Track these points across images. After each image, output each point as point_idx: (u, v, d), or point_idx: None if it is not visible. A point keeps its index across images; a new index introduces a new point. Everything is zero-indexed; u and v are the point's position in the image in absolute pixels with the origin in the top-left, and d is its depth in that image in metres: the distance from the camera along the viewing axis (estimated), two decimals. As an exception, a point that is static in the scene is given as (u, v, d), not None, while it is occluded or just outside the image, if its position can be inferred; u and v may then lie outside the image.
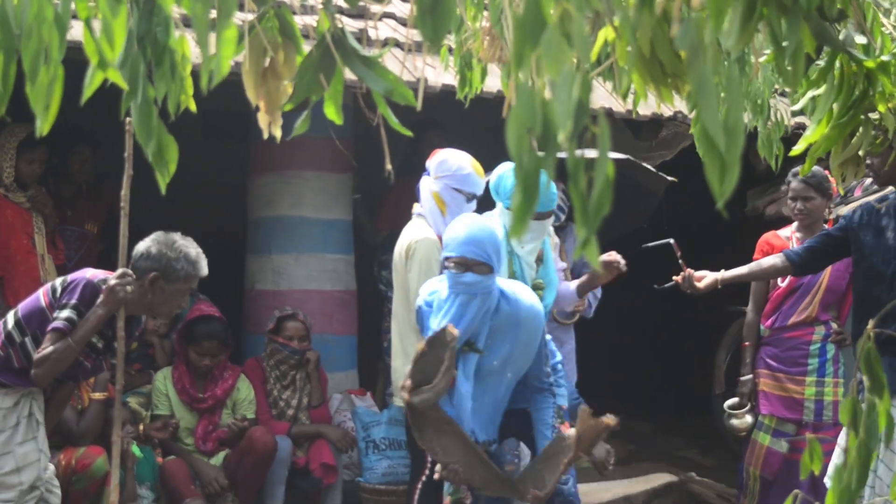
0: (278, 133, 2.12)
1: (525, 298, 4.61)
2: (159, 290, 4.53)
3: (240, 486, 6.15)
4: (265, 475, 6.17)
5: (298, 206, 7.07)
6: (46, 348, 4.41)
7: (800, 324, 6.23)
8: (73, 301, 4.47)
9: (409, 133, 2.10)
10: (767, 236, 6.42)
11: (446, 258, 4.48)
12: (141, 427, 6.08)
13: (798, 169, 6.05)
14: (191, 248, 4.61)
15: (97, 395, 5.69)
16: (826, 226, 6.25)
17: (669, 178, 6.49)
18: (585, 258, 1.58)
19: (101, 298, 4.41)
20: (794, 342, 6.20)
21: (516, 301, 4.57)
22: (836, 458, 4.63)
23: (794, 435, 6.21)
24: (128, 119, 4.37)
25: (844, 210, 7.22)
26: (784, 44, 1.76)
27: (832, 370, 6.20)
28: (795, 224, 6.32)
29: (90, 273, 4.60)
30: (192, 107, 2.11)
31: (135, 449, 5.88)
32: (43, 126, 1.87)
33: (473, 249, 4.40)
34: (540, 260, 5.33)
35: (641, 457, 8.13)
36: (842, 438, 4.56)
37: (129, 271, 4.44)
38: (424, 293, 4.66)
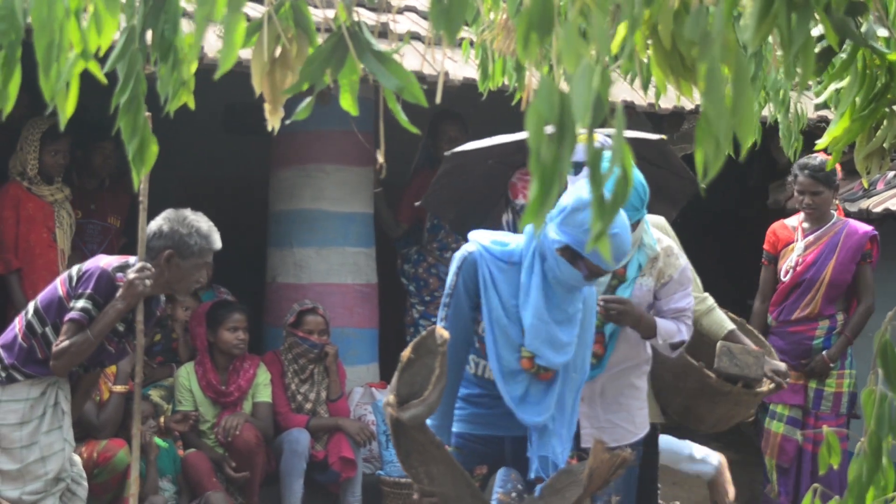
0: (277, 124, 2.12)
1: None
2: (175, 267, 4.55)
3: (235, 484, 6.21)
4: (257, 471, 6.21)
5: (319, 200, 7.07)
6: (64, 341, 4.44)
7: (803, 319, 6.26)
8: (89, 291, 4.49)
9: (416, 131, 2.08)
10: (775, 226, 6.41)
11: (580, 256, 3.68)
12: (162, 420, 6.11)
13: (804, 162, 6.03)
14: (202, 222, 4.64)
15: (118, 388, 5.71)
16: (836, 214, 6.23)
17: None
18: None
19: (120, 292, 4.43)
20: (798, 337, 6.20)
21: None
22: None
23: (802, 420, 6.27)
24: (147, 114, 4.39)
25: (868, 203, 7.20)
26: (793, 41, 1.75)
27: (837, 363, 6.20)
28: (803, 214, 6.30)
29: (104, 262, 4.62)
30: (191, 104, 2.11)
31: (158, 441, 5.91)
32: (63, 119, 1.88)
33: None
34: (619, 280, 4.38)
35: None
36: None
37: (149, 265, 4.45)
38: (485, 239, 3.93)
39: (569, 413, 3.93)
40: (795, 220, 6.35)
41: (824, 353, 6.15)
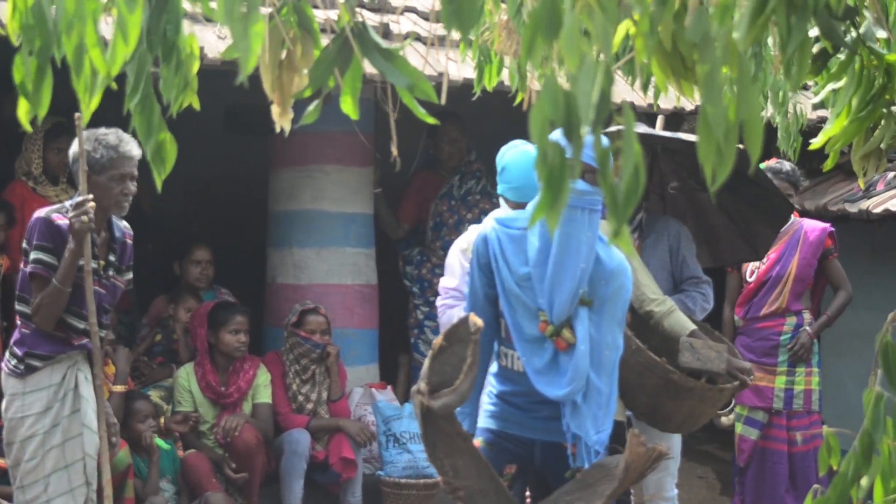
0: (287, 126, 2.12)
1: (606, 250, 3.83)
2: (95, 185, 4.52)
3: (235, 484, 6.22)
4: (256, 472, 6.21)
5: (319, 200, 7.08)
6: (36, 297, 4.51)
7: (770, 315, 6.32)
8: (34, 242, 4.54)
9: (434, 121, 2.10)
10: None
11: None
12: (162, 420, 6.11)
13: (776, 167, 6.13)
14: (110, 135, 4.60)
15: (118, 388, 5.72)
16: (793, 216, 6.27)
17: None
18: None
19: (70, 236, 4.46)
20: (766, 332, 6.24)
21: (608, 248, 3.81)
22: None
23: (766, 422, 6.31)
24: (76, 115, 4.39)
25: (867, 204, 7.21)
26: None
27: (804, 361, 6.24)
28: None
29: (39, 212, 4.65)
30: (196, 105, 2.12)
31: (159, 442, 5.91)
32: (86, 116, 1.89)
33: (586, 152, 3.71)
34: None
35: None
36: None
37: (89, 196, 4.44)
38: (500, 213, 3.89)
39: (605, 395, 3.82)
40: None
41: (807, 328, 6.20)
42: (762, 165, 6.18)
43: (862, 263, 7.73)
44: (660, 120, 5.63)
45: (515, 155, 4.49)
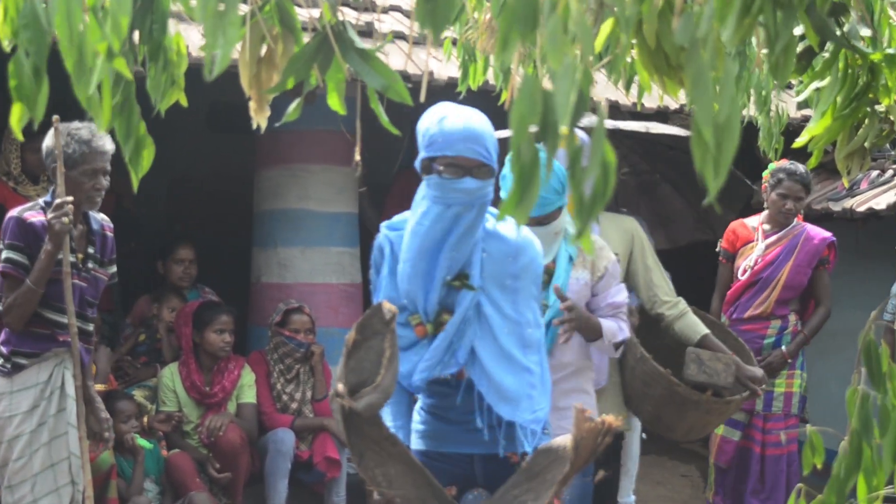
0: (264, 123, 2.12)
1: (509, 227, 3.51)
2: (66, 180, 4.49)
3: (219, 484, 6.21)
4: (241, 472, 6.20)
5: (304, 199, 7.07)
6: (8, 297, 4.51)
7: (755, 317, 6.25)
8: (6, 241, 4.53)
9: (396, 132, 2.08)
10: (734, 225, 6.38)
11: (431, 158, 3.34)
12: (145, 420, 6.09)
13: (791, 168, 6.04)
14: (83, 130, 4.58)
15: (98, 387, 5.70)
16: (796, 218, 6.25)
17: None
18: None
19: (47, 236, 4.45)
20: (750, 335, 6.19)
21: (498, 231, 3.49)
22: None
23: (747, 423, 6.25)
24: (54, 117, 4.37)
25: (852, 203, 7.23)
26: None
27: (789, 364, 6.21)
28: (765, 214, 6.30)
29: (13, 211, 4.64)
30: (184, 102, 2.11)
31: (143, 442, 5.89)
32: (103, 124, 1.87)
33: (475, 148, 3.30)
34: (549, 274, 4.09)
35: (649, 449, 8.13)
36: None
37: (68, 198, 4.42)
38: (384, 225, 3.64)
39: (536, 374, 3.47)
40: (755, 220, 6.35)
41: (783, 348, 6.17)
42: (772, 166, 6.15)
43: (845, 262, 7.74)
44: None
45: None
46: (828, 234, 6.26)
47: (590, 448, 3.05)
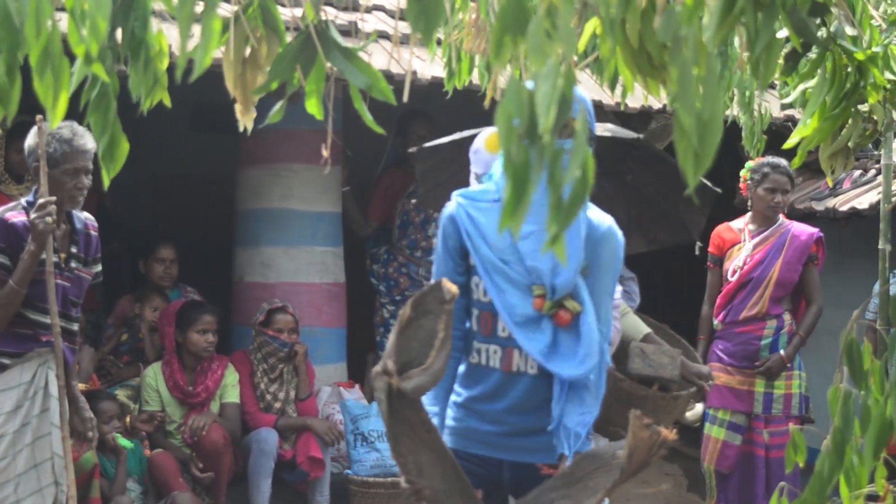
0: (250, 124, 2.11)
1: (595, 211, 3.38)
2: (48, 179, 4.46)
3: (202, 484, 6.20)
4: (224, 471, 6.19)
5: (287, 199, 7.07)
6: None
7: (751, 318, 6.20)
8: None
9: (381, 131, 2.08)
10: (720, 229, 6.38)
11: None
12: (128, 419, 6.08)
13: (775, 161, 6.04)
14: (64, 129, 4.53)
15: (80, 387, 5.68)
16: (781, 216, 6.24)
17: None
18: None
19: (30, 236, 4.42)
20: (746, 337, 6.17)
21: (593, 210, 3.36)
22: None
23: (747, 427, 6.20)
24: (38, 116, 4.35)
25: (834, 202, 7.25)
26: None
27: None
28: (749, 215, 6.30)
29: None
30: (167, 101, 2.10)
31: (125, 442, 5.88)
32: (53, 121, 1.86)
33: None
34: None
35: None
36: None
37: (52, 198, 4.39)
38: (466, 189, 3.44)
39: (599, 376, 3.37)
40: (741, 223, 6.34)
41: (781, 352, 6.14)
42: (749, 164, 6.14)
43: (828, 261, 7.76)
44: None
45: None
46: (814, 229, 6.26)
47: (643, 458, 2.92)
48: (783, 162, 6.05)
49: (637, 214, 5.48)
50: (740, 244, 6.24)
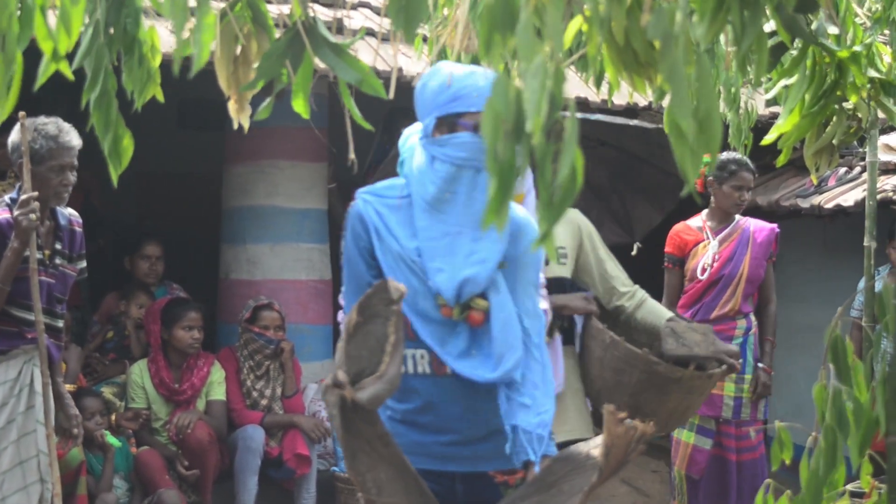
0: (246, 122, 2.11)
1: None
2: (34, 176, 4.44)
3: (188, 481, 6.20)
4: (210, 469, 6.19)
5: (273, 196, 7.06)
6: None
7: (723, 317, 6.10)
8: None
9: (369, 127, 2.08)
10: (678, 228, 6.27)
11: (457, 115, 3.00)
12: (113, 417, 6.07)
13: (742, 159, 5.96)
14: (49, 125, 4.52)
15: (68, 387, 5.66)
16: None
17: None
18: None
19: (14, 233, 4.40)
20: (717, 337, 6.13)
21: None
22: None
23: (716, 431, 6.11)
24: (21, 113, 4.34)
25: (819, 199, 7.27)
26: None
27: (753, 366, 6.12)
28: (705, 212, 6.22)
29: None
30: (161, 97, 2.10)
31: (112, 439, 5.87)
32: (2, 113, 1.86)
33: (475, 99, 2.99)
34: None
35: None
36: None
37: (34, 193, 4.37)
38: (372, 187, 3.29)
39: (536, 372, 3.09)
40: (699, 221, 6.25)
41: (760, 365, 6.09)
42: (706, 159, 6.12)
43: (813, 258, 7.80)
44: None
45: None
46: (773, 225, 6.23)
47: (621, 455, 2.71)
48: (746, 159, 5.98)
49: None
50: (704, 242, 6.17)
